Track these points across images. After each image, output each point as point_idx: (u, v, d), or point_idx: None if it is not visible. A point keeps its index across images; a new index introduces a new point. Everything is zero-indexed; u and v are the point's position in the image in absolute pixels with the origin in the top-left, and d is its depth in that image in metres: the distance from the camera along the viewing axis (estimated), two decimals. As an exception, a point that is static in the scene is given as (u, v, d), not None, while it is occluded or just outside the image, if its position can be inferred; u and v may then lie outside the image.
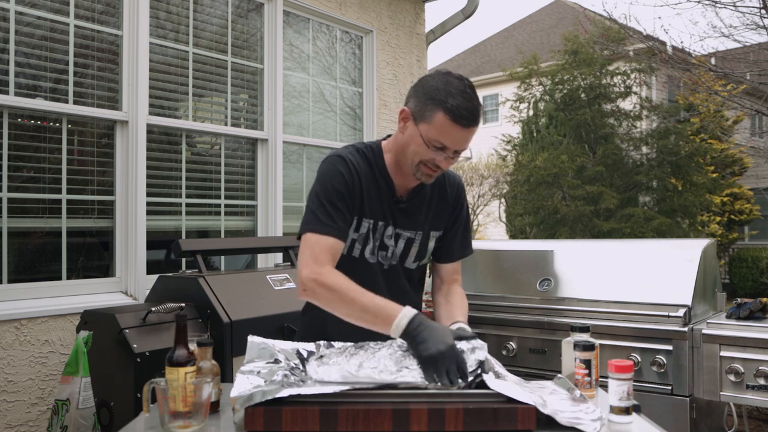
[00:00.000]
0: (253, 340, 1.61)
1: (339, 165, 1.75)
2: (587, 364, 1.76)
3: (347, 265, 1.76)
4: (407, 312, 1.54)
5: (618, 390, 1.57)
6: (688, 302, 2.75)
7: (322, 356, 1.56)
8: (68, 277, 3.18)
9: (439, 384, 1.44)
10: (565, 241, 3.68)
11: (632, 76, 10.58)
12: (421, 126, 1.68)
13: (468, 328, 1.75)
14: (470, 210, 13.98)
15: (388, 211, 1.81)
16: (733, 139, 12.61)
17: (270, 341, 1.62)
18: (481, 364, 1.52)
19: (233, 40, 3.99)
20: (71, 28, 3.20)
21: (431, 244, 1.91)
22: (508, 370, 1.64)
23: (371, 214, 1.78)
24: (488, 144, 14.72)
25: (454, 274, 1.97)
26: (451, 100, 1.62)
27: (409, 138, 1.72)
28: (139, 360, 2.44)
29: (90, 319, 2.67)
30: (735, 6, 7.32)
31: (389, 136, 1.88)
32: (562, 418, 1.39)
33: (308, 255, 1.66)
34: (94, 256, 3.35)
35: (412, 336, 1.50)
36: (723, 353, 2.62)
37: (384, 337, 1.59)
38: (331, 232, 1.68)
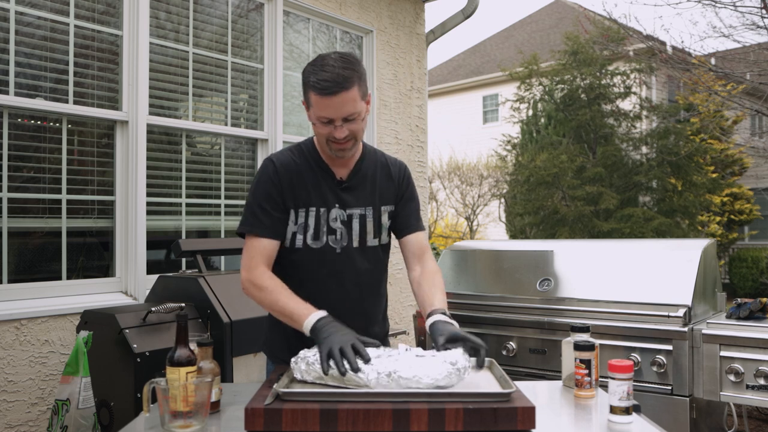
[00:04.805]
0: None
1: (266, 168, 1.90)
2: (587, 364, 1.77)
3: (294, 256, 1.90)
4: (318, 314, 1.67)
5: (618, 390, 1.57)
6: (688, 302, 2.76)
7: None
8: (68, 277, 3.18)
9: (335, 371, 1.48)
10: (565, 241, 3.68)
11: (632, 76, 10.58)
12: (310, 111, 1.82)
13: (445, 318, 1.75)
14: (470, 210, 14.03)
15: (332, 195, 1.90)
16: (732, 139, 12.60)
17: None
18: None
19: (233, 40, 3.99)
20: (71, 28, 3.20)
21: (384, 219, 1.98)
22: (508, 371, 1.65)
23: (308, 203, 1.88)
24: (488, 144, 14.72)
25: (422, 248, 2.01)
26: (313, 77, 1.75)
27: (311, 123, 1.85)
28: (139, 360, 2.44)
29: (90, 319, 2.68)
30: (735, 6, 7.32)
31: None
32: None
33: (246, 258, 1.85)
34: (94, 256, 3.35)
35: (317, 332, 1.62)
36: (723, 353, 2.62)
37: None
38: (263, 233, 1.85)
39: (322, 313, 1.68)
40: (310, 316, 1.68)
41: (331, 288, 1.90)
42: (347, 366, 1.47)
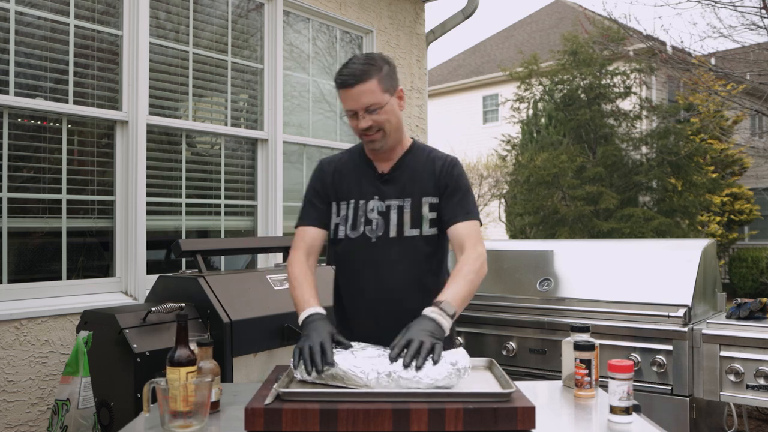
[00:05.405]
0: None
1: (315, 170, 2.16)
2: (587, 364, 1.77)
3: (338, 246, 2.07)
4: (310, 310, 1.80)
5: (618, 390, 1.57)
6: (688, 302, 2.76)
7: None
8: (68, 277, 3.18)
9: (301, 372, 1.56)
10: (565, 241, 3.68)
11: (632, 76, 10.58)
12: None
13: (429, 312, 1.67)
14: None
15: (371, 188, 2.04)
16: (733, 139, 12.59)
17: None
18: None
19: (233, 40, 3.99)
20: (71, 28, 3.20)
21: (425, 210, 2.01)
22: (508, 371, 1.65)
23: (348, 196, 2.05)
24: (488, 144, 14.71)
25: (461, 239, 1.94)
26: (337, 75, 1.93)
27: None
28: (139, 360, 2.43)
29: (90, 319, 2.67)
30: (734, 6, 7.32)
31: None
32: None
33: (292, 245, 2.10)
34: (94, 256, 3.35)
35: (302, 327, 1.75)
36: (723, 353, 2.62)
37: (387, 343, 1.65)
38: (307, 223, 2.08)
39: (316, 309, 1.80)
40: (305, 311, 1.80)
41: (369, 278, 1.99)
42: (312, 365, 1.53)
